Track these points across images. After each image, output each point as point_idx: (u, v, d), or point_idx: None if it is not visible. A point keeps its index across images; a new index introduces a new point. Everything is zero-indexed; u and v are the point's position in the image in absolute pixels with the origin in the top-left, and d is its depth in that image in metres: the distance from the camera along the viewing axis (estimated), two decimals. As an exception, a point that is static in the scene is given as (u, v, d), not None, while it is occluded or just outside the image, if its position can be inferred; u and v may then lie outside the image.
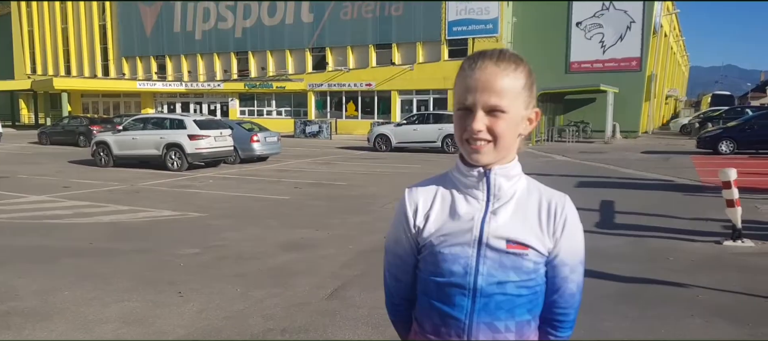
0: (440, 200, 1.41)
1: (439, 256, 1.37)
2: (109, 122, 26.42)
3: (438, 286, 1.37)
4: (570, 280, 1.39)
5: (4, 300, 5.22)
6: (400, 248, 1.47)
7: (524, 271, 1.33)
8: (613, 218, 8.96)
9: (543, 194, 1.39)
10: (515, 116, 1.32)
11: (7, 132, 33.02)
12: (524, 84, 1.33)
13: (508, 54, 1.33)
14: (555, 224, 1.36)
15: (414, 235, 1.42)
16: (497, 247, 1.33)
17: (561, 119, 31.43)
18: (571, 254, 1.38)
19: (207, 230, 8.34)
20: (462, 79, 1.33)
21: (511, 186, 1.37)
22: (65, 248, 7.25)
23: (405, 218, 1.43)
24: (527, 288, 1.35)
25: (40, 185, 13.00)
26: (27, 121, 47.19)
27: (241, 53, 39.88)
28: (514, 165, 1.38)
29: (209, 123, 16.88)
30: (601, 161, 18.03)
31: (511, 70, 1.31)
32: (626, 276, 5.73)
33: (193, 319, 4.79)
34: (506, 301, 1.33)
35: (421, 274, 1.43)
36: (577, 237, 1.39)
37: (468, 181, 1.38)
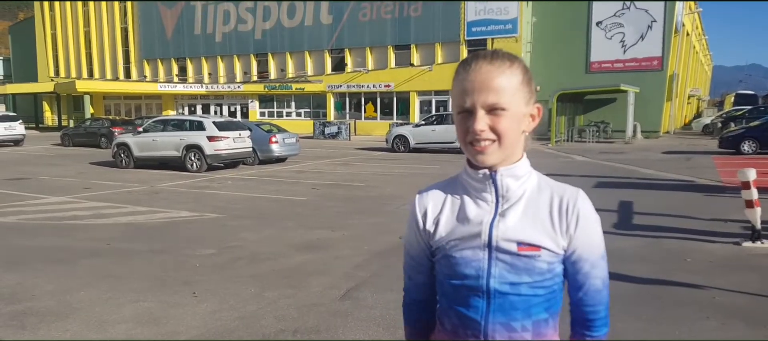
0: (450, 205, 1.42)
1: (451, 260, 1.38)
2: (130, 124, 26.72)
3: (454, 288, 1.39)
4: (592, 276, 1.36)
5: (21, 300, 5.30)
6: (413, 250, 1.51)
7: (538, 272, 1.32)
8: (631, 218, 8.85)
9: (554, 191, 1.37)
10: (516, 112, 1.31)
11: (31, 134, 33.66)
12: (521, 80, 1.32)
13: (502, 53, 1.34)
14: (568, 221, 1.34)
15: (425, 239, 1.45)
16: (508, 249, 1.32)
17: (581, 120, 31.10)
18: (588, 250, 1.35)
19: (223, 231, 8.40)
20: (458, 82, 1.33)
21: (519, 186, 1.36)
22: (83, 248, 7.35)
23: (415, 223, 1.47)
24: (543, 287, 1.33)
25: (61, 187, 13.22)
26: (50, 123, 48.01)
27: (260, 55, 40.14)
28: (521, 164, 1.37)
29: (228, 124, 17.01)
30: (621, 162, 17.81)
31: (507, 68, 1.31)
32: (642, 278, 5.66)
33: (206, 320, 4.82)
34: (521, 301, 1.33)
35: (438, 276, 1.45)
36: (594, 232, 1.36)
37: (477, 184, 1.38)
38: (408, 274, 1.55)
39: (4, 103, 47.56)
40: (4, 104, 47.12)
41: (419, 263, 1.50)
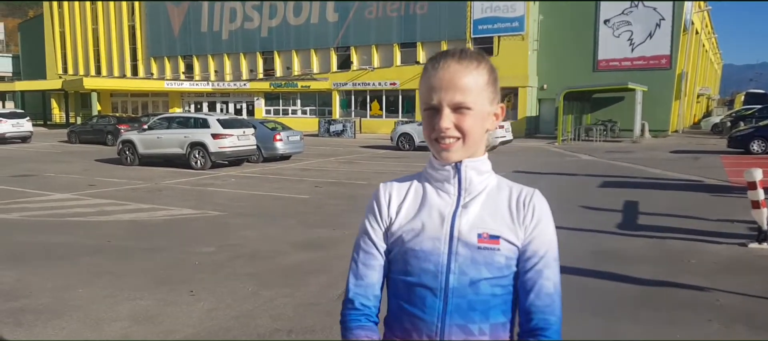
0: (413, 194, 1.42)
1: (409, 253, 1.35)
2: (136, 121, 26.76)
3: (408, 287, 1.35)
4: (545, 276, 1.33)
5: (19, 297, 5.29)
6: (369, 241, 1.42)
7: (496, 267, 1.32)
8: (636, 219, 8.76)
9: (513, 189, 1.40)
10: (481, 111, 1.33)
11: (38, 131, 33.80)
12: (487, 80, 1.35)
13: (470, 52, 1.36)
14: (525, 213, 1.35)
15: (385, 227, 1.41)
16: (468, 241, 1.32)
17: (588, 118, 30.93)
18: (542, 246, 1.35)
19: (224, 229, 8.38)
20: (426, 79, 1.35)
21: (481, 181, 1.39)
22: (84, 246, 7.34)
23: (378, 208, 1.42)
24: (501, 286, 1.33)
25: (66, 184, 13.24)
26: (58, 120, 48.14)
27: (266, 53, 40.16)
28: (484, 160, 1.40)
29: (232, 122, 17.01)
30: (628, 161, 17.68)
31: (474, 68, 1.33)
32: (645, 279, 5.58)
33: (202, 318, 4.79)
34: (479, 302, 1.31)
35: (391, 275, 1.41)
36: (549, 229, 1.37)
37: (440, 175, 1.39)
38: (357, 273, 1.42)
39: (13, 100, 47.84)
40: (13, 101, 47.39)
41: (374, 256, 1.41)
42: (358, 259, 1.42)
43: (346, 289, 1.43)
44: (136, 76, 44.71)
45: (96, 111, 37.48)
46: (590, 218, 8.76)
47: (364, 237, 1.43)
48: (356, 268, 1.42)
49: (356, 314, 1.40)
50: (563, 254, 5.34)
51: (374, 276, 1.41)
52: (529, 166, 16.41)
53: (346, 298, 1.42)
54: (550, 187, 12.34)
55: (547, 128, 31.67)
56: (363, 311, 1.40)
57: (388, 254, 1.41)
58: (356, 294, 1.40)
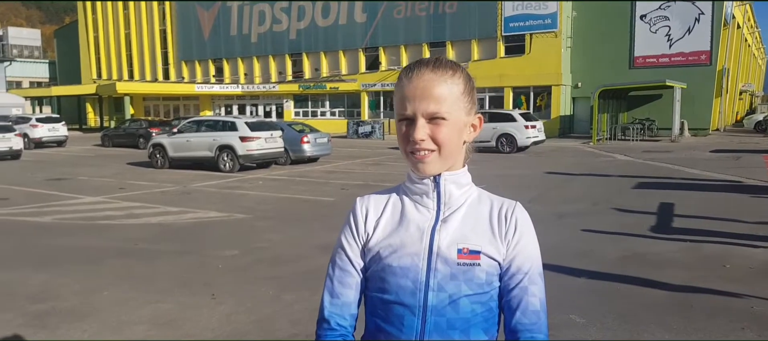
0: (391, 208, 1.37)
1: (387, 270, 1.30)
2: (167, 125, 27.18)
3: (385, 305, 1.30)
4: (531, 293, 1.30)
5: (46, 299, 5.37)
6: (345, 258, 1.37)
7: (477, 283, 1.28)
8: (671, 221, 8.49)
9: (494, 202, 1.36)
10: (457, 122, 1.29)
11: (74, 135, 34.69)
12: (463, 89, 1.30)
13: (445, 61, 1.32)
14: (507, 227, 1.32)
15: (362, 243, 1.36)
16: (448, 257, 1.28)
17: (624, 117, 30.25)
18: (527, 261, 1.31)
19: (249, 232, 8.40)
20: (399, 89, 1.30)
21: (461, 194, 1.34)
22: (111, 248, 7.44)
23: (355, 223, 1.38)
24: (481, 303, 1.29)
25: (98, 187, 13.50)
26: (93, 124, 49.20)
27: (295, 55, 40.41)
28: (464, 173, 1.35)
29: (260, 125, 17.11)
30: (666, 161, 17.19)
31: (449, 77, 1.29)
32: (675, 284, 5.37)
33: (222, 322, 4.79)
34: (459, 321, 1.27)
35: (368, 293, 1.36)
36: (532, 244, 1.33)
37: (418, 189, 1.34)
38: (332, 291, 1.37)
39: (50, 105, 49.19)
40: (50, 106, 48.74)
41: (351, 274, 1.36)
42: (333, 276, 1.37)
43: (321, 307, 1.37)
44: (168, 80, 45.49)
45: (129, 115, 38.25)
46: (622, 220, 8.52)
47: (340, 254, 1.38)
48: (332, 286, 1.37)
49: (332, 334, 1.34)
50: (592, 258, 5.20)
51: (350, 295, 1.36)
52: (560, 167, 16.10)
53: (320, 317, 1.37)
54: (582, 188, 12.08)
55: (582, 128, 31.08)
56: (339, 331, 1.34)
57: (365, 271, 1.36)
58: (332, 314, 1.35)
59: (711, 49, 29.02)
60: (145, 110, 46.97)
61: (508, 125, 21.41)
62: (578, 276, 5.73)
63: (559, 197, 11.07)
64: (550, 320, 4.44)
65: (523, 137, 21.17)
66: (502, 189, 12.15)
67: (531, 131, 21.43)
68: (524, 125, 21.30)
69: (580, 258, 6.40)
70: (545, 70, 30.97)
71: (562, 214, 9.20)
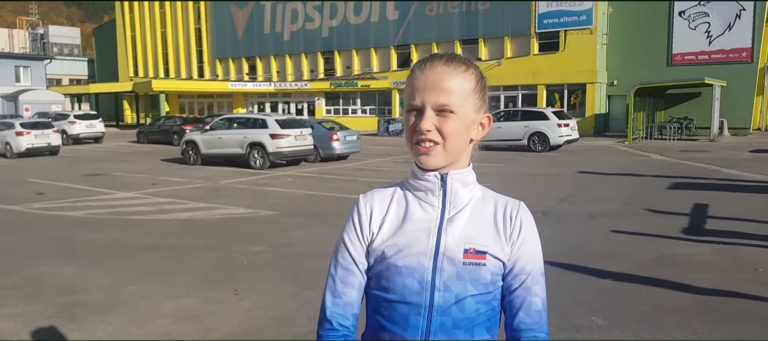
0: (396, 206, 1.35)
1: (392, 269, 1.29)
2: (201, 122, 27.59)
3: (389, 304, 1.29)
4: (533, 293, 1.31)
5: (74, 292, 5.50)
6: (348, 257, 1.35)
7: (482, 283, 1.28)
8: (704, 223, 8.25)
9: (498, 201, 1.36)
10: (465, 117, 1.28)
11: (111, 132, 35.57)
12: (475, 86, 1.30)
13: (460, 57, 1.32)
14: (512, 228, 1.32)
15: (367, 243, 1.34)
16: (454, 257, 1.27)
17: (661, 115, 29.55)
18: (530, 261, 1.32)
19: (276, 229, 8.48)
20: (411, 80, 1.30)
21: (467, 193, 1.34)
22: (140, 243, 7.59)
23: (359, 222, 1.35)
24: (485, 303, 1.29)
25: (131, 183, 13.79)
26: (130, 121, 50.34)
27: (327, 53, 40.61)
28: (469, 172, 1.35)
29: (290, 122, 17.25)
30: (703, 161, 16.71)
31: (462, 71, 1.29)
32: (704, 288, 5.21)
33: (242, 318, 4.84)
34: (464, 320, 1.27)
35: (371, 291, 1.34)
36: (535, 244, 1.34)
37: (424, 186, 1.33)
38: (335, 291, 1.35)
39: (88, 102, 50.52)
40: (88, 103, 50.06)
41: (354, 274, 1.34)
42: (335, 276, 1.35)
43: (323, 307, 1.35)
44: (202, 78, 46.21)
45: (164, 112, 38.98)
46: (654, 221, 8.32)
47: (343, 253, 1.36)
48: (334, 285, 1.35)
49: (334, 334, 1.33)
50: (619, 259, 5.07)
51: (353, 295, 1.33)
52: (593, 166, 15.81)
53: (322, 317, 1.35)
54: (615, 188, 11.83)
55: (618, 126, 30.46)
56: (341, 331, 1.33)
57: (368, 270, 1.34)
58: (334, 314, 1.33)
59: (752, 47, 28.13)
60: (180, 107, 47.81)
61: (540, 123, 21.13)
62: (603, 278, 5.62)
63: (590, 196, 10.87)
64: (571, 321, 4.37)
65: (555, 136, 20.86)
66: (533, 188, 12.05)
67: (564, 130, 21.09)
68: (557, 124, 20.98)
69: (607, 259, 6.28)
70: (580, 68, 30.44)
71: (592, 214, 9.03)
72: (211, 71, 46.24)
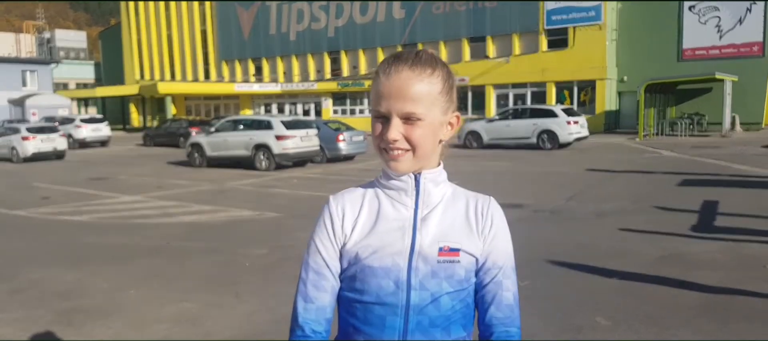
0: (368, 207, 1.33)
1: (367, 271, 1.27)
2: (207, 124, 27.64)
3: (364, 306, 1.28)
4: (505, 287, 1.32)
5: (73, 298, 5.48)
6: (320, 261, 1.32)
7: (457, 280, 1.28)
8: (713, 220, 8.12)
9: (469, 198, 1.36)
10: (433, 121, 1.27)
11: (117, 135, 35.77)
12: (441, 89, 1.28)
13: (425, 56, 1.28)
14: (483, 223, 1.32)
15: (339, 244, 1.32)
16: (429, 255, 1.27)
17: (672, 111, 29.27)
18: (501, 256, 1.33)
19: (280, 231, 8.44)
20: (376, 85, 1.28)
21: (439, 192, 1.34)
22: (143, 247, 7.57)
23: (331, 224, 1.33)
24: (460, 300, 1.30)
25: (136, 186, 13.81)
26: (136, 124, 50.50)
27: (333, 53, 40.58)
28: (440, 171, 1.35)
29: (296, 123, 17.22)
30: (714, 157, 16.50)
31: (427, 75, 1.26)
32: (711, 286, 5.11)
33: (241, 321, 4.81)
34: (441, 318, 1.27)
35: (343, 294, 1.32)
36: (506, 240, 1.35)
37: (397, 186, 1.32)
38: (306, 296, 1.32)
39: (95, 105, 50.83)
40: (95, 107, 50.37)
41: (326, 278, 1.32)
42: (307, 280, 1.33)
43: (294, 313, 1.33)
44: (208, 80, 46.31)
45: (170, 115, 39.09)
46: (663, 219, 8.20)
47: (315, 256, 1.33)
48: (306, 290, 1.33)
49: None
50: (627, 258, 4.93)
51: (326, 299, 1.32)
52: (603, 164, 15.65)
53: (294, 323, 1.32)
54: (624, 186, 11.69)
55: (628, 123, 30.21)
56: (313, 338, 1.31)
57: (341, 273, 1.33)
58: (306, 320, 1.31)
59: (764, 41, 27.84)
60: (187, 109, 47.94)
61: (549, 120, 20.97)
62: (610, 277, 5.52)
63: (599, 194, 10.75)
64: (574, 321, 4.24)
65: (564, 133, 20.69)
66: (542, 187, 11.94)
67: (573, 127, 20.93)
68: (566, 121, 20.82)
69: (614, 257, 6.18)
70: (589, 64, 30.22)
71: (601, 212, 8.92)
72: (217, 73, 46.35)
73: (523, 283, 5.16)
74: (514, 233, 1.38)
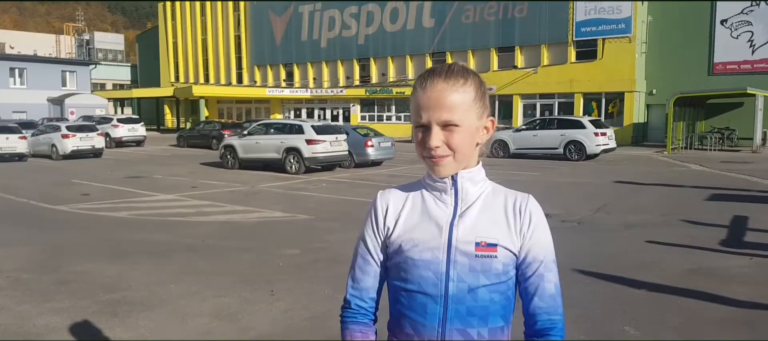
0: (411, 203, 1.47)
1: (409, 262, 1.41)
2: (239, 127, 28.07)
3: (408, 294, 1.42)
4: (547, 279, 1.41)
5: (118, 290, 5.71)
6: (367, 248, 1.50)
7: (494, 273, 1.38)
8: (743, 235, 8.07)
9: (508, 195, 1.46)
10: (470, 127, 1.38)
11: (152, 135, 36.43)
12: (475, 96, 1.39)
13: (457, 68, 1.40)
14: (522, 220, 1.41)
15: (383, 236, 1.47)
16: (466, 250, 1.38)
17: (702, 126, 28.84)
18: (542, 250, 1.42)
19: (311, 232, 8.61)
20: (415, 98, 1.40)
21: (477, 190, 1.44)
22: (180, 244, 7.82)
23: (376, 217, 1.49)
24: (499, 292, 1.40)
25: (171, 185, 14.18)
26: (170, 125, 51.50)
27: (363, 60, 40.90)
28: (478, 170, 1.45)
29: (326, 128, 17.47)
30: (744, 172, 16.29)
31: (460, 85, 1.37)
32: (741, 301, 5.12)
33: (277, 318, 4.96)
34: (478, 308, 1.38)
35: (391, 282, 1.48)
36: (546, 234, 1.43)
37: (439, 187, 1.44)
38: (354, 277, 1.52)
39: (131, 106, 51.94)
40: (131, 108, 51.46)
41: (370, 263, 1.49)
42: (355, 264, 1.52)
43: (346, 291, 1.53)
44: (241, 84, 47.04)
45: (203, 117, 39.76)
46: (691, 233, 8.18)
47: (362, 244, 1.51)
48: (354, 272, 1.52)
49: (352, 313, 1.50)
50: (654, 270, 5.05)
51: (369, 282, 1.49)
52: (631, 176, 15.57)
53: (344, 300, 1.52)
54: (652, 199, 11.64)
55: (656, 136, 29.86)
56: (358, 311, 1.49)
57: (386, 261, 1.48)
58: (353, 296, 1.51)
59: (798, 56, 27.24)
60: (219, 112, 48.71)
61: (576, 131, 20.89)
62: (638, 288, 5.57)
63: (626, 207, 10.73)
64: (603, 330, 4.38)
65: (592, 145, 20.59)
66: (569, 197, 11.95)
67: (601, 139, 20.81)
68: (594, 133, 20.71)
69: (642, 269, 6.22)
70: (618, 76, 29.97)
71: (628, 224, 8.93)
72: (249, 77, 47.03)
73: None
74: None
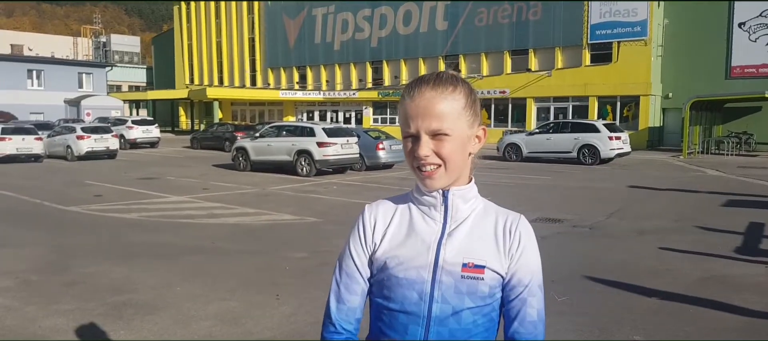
0: (399, 218, 1.41)
1: (393, 280, 1.35)
2: (251, 129, 28.17)
3: (390, 313, 1.36)
4: (529, 304, 1.35)
5: (124, 292, 5.71)
6: (352, 264, 1.43)
7: (480, 296, 1.33)
8: (759, 243, 7.90)
9: (499, 215, 1.40)
10: (460, 136, 1.32)
11: (166, 137, 36.77)
12: (464, 104, 1.34)
13: (446, 76, 1.35)
14: (511, 241, 1.36)
15: (369, 252, 1.41)
16: (453, 270, 1.33)
17: (719, 130, 28.46)
18: (528, 274, 1.36)
19: (319, 235, 8.59)
20: (402, 107, 1.35)
21: (468, 208, 1.38)
22: (189, 246, 7.83)
23: (364, 233, 1.42)
24: (483, 314, 1.34)
25: (183, 187, 14.24)
26: (184, 127, 52.06)
27: (376, 62, 40.92)
28: (470, 187, 1.40)
29: (337, 131, 17.49)
30: (762, 178, 16.01)
31: (449, 93, 1.32)
32: (755, 310, 5.00)
33: (282, 322, 4.92)
34: (461, 331, 1.33)
35: (373, 298, 1.42)
36: (534, 257, 1.37)
37: (428, 202, 1.39)
38: (339, 297, 1.43)
39: (146, 108, 52.42)
40: (146, 109, 51.95)
41: (355, 281, 1.42)
42: (340, 281, 1.44)
43: (327, 311, 1.44)
44: (255, 86, 47.30)
45: (217, 119, 39.99)
46: (705, 239, 8.03)
47: (347, 260, 1.43)
48: (338, 291, 1.44)
49: (338, 337, 1.42)
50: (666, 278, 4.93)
51: (356, 301, 1.42)
52: (645, 181, 15.37)
53: (327, 320, 1.44)
54: (666, 204, 11.47)
55: (672, 140, 29.52)
56: (344, 334, 1.42)
57: (370, 278, 1.42)
58: (338, 318, 1.43)
59: (817, 60, 26.80)
60: (233, 114, 48.99)
61: (590, 135, 20.69)
62: (649, 296, 5.46)
63: (640, 212, 10.58)
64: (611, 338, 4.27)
65: (606, 149, 20.39)
66: (582, 202, 11.82)
67: (615, 143, 20.59)
68: (608, 136, 20.51)
69: (653, 276, 6.11)
70: (633, 80, 29.68)
71: (641, 230, 8.80)
72: (262, 80, 47.26)
73: (560, 298, 5.18)
74: (552, 248, 1.45)
